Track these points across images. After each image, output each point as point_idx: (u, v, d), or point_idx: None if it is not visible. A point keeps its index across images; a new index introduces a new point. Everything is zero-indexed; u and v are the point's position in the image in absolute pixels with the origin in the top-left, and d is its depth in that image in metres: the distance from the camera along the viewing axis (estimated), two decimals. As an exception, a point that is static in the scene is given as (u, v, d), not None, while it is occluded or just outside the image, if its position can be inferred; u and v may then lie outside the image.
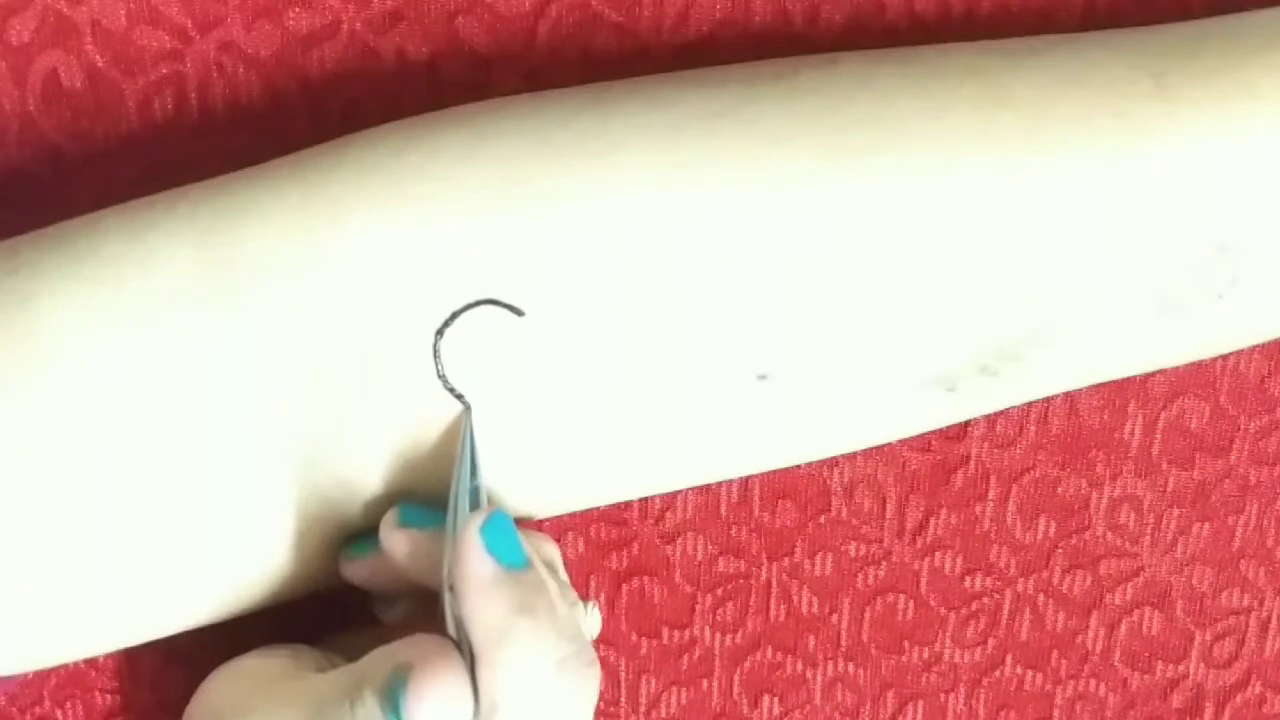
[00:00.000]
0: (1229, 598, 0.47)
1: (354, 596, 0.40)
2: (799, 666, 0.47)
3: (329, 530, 0.37)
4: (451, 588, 0.34)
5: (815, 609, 0.46)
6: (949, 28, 0.42)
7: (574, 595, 0.37)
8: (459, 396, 0.35)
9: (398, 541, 0.36)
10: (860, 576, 0.46)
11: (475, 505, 0.35)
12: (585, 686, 0.34)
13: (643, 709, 0.47)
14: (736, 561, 0.45)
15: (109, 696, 0.45)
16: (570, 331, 0.35)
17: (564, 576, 0.39)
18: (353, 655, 0.38)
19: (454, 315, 0.35)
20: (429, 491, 0.37)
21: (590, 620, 0.39)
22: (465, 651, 0.34)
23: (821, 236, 0.35)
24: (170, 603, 0.37)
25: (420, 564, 0.36)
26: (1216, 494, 0.46)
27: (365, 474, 0.36)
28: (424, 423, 0.36)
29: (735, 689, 0.47)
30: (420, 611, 0.39)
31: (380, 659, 0.34)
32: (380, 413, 0.36)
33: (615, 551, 0.45)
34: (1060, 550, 0.46)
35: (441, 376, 0.35)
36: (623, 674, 0.46)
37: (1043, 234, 0.36)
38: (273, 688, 0.36)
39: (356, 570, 0.38)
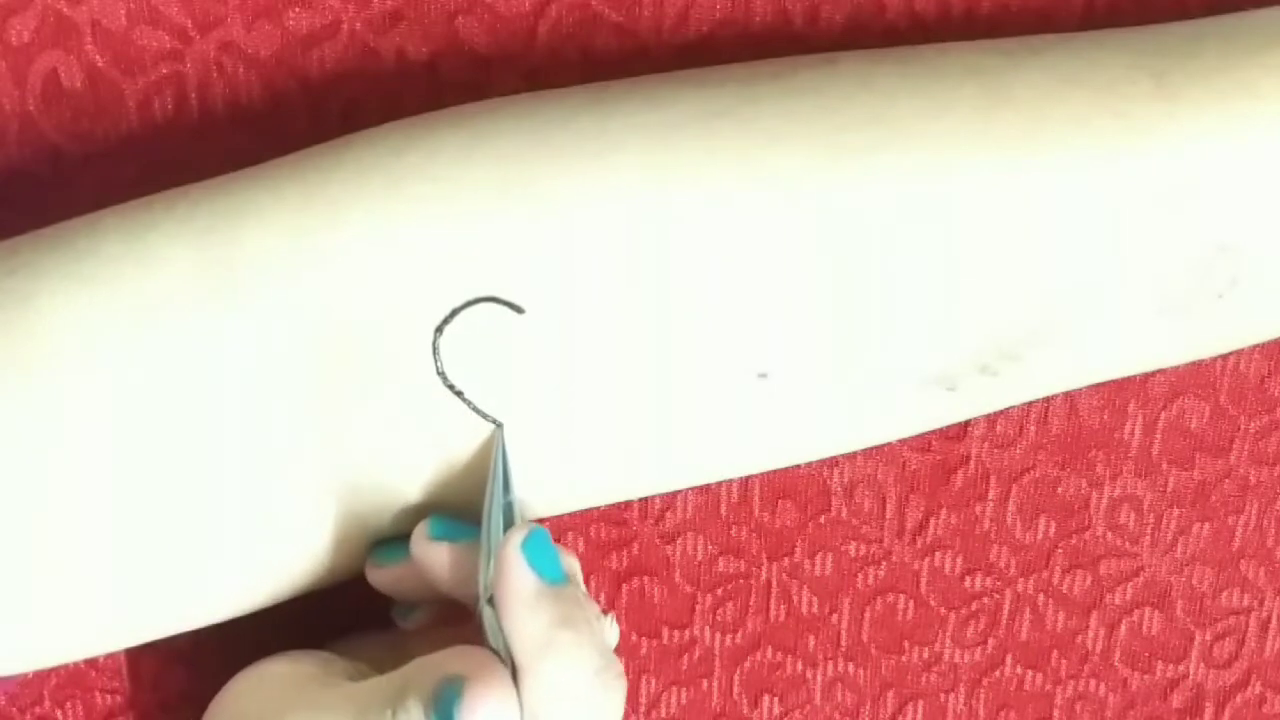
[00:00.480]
0: (1229, 598, 0.47)
1: (356, 597, 0.40)
2: (799, 666, 0.47)
3: (331, 530, 0.37)
4: (490, 601, 0.35)
5: (815, 609, 0.46)
6: (949, 28, 0.42)
7: (597, 608, 0.37)
8: (459, 393, 0.36)
9: (430, 553, 0.37)
10: (860, 576, 0.46)
11: (509, 520, 0.36)
12: (615, 697, 0.35)
13: (643, 709, 0.47)
14: (736, 561, 0.46)
15: (109, 696, 0.45)
16: (569, 331, 0.35)
17: (583, 589, 0.39)
18: (371, 659, 0.38)
19: (453, 312, 0.35)
20: (437, 492, 0.37)
21: (610, 632, 0.39)
22: (506, 663, 0.34)
23: (821, 236, 0.35)
24: (171, 603, 0.37)
25: (452, 576, 0.37)
26: (1216, 494, 0.46)
27: (368, 474, 0.36)
28: (425, 423, 0.36)
29: (735, 689, 0.47)
30: (440, 619, 0.40)
31: (425, 669, 0.34)
32: (382, 413, 0.36)
33: (615, 551, 0.45)
34: (1060, 550, 0.46)
35: (441, 374, 0.35)
36: (623, 674, 0.46)
37: (1042, 234, 0.36)
38: (305, 694, 0.36)
39: (382, 576, 0.38)
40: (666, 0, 0.41)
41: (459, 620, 0.39)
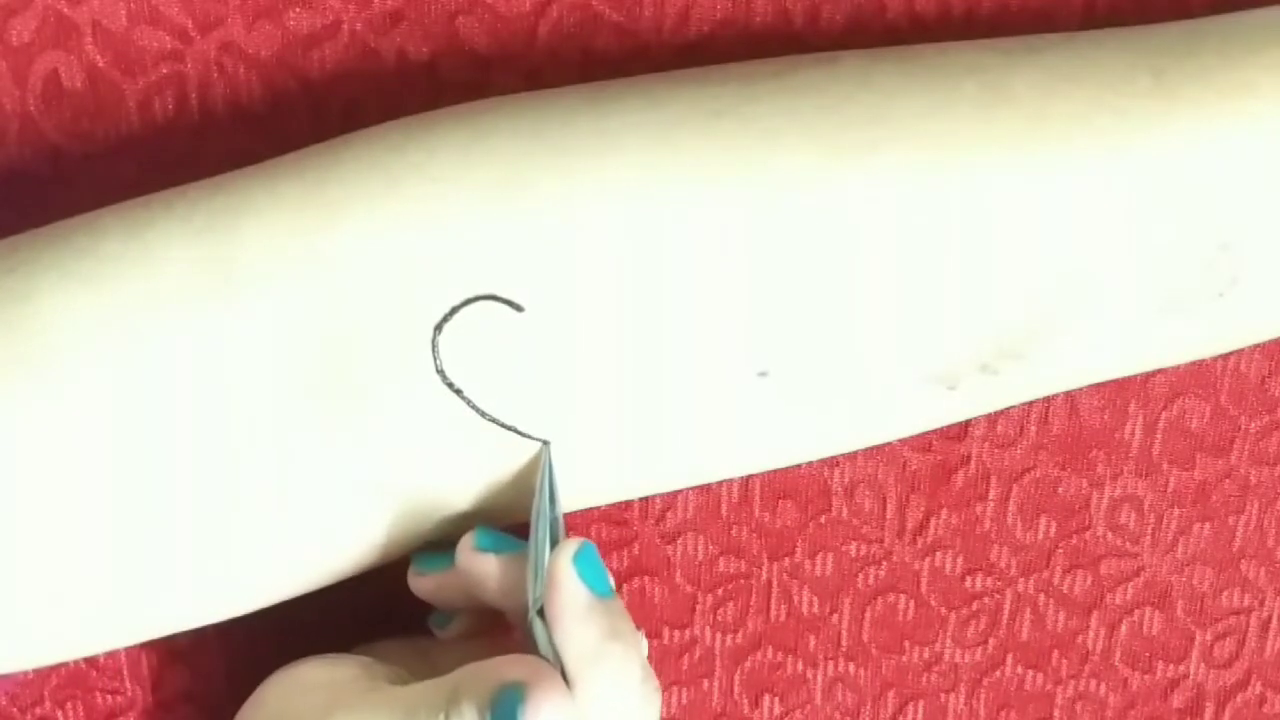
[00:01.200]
0: (1229, 598, 0.47)
1: (361, 601, 0.40)
2: (799, 666, 0.47)
3: (336, 529, 0.37)
4: (540, 612, 0.35)
5: (816, 609, 0.46)
6: (949, 28, 0.42)
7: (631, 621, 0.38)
8: (458, 391, 0.35)
9: (476, 564, 0.37)
10: (861, 576, 0.46)
11: (554, 534, 0.36)
12: (655, 709, 0.36)
13: (643, 709, 0.47)
14: (737, 561, 0.45)
15: (109, 696, 0.45)
16: (569, 330, 0.35)
17: None
18: (405, 665, 0.39)
19: (453, 310, 0.35)
20: (453, 497, 0.37)
21: (644, 644, 0.40)
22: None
23: (821, 234, 0.35)
24: (170, 601, 0.37)
25: (498, 587, 0.37)
26: (1217, 494, 0.46)
27: (378, 475, 0.36)
28: (430, 423, 0.36)
29: (736, 689, 0.47)
30: (478, 628, 0.40)
31: (479, 675, 0.35)
32: (383, 413, 0.36)
33: (615, 551, 0.45)
34: (1061, 550, 0.46)
35: (440, 372, 0.35)
36: (623, 674, 0.46)
37: (1043, 232, 0.36)
38: (349, 696, 0.37)
39: (424, 584, 0.39)
40: (667, 0, 0.41)
41: (489, 630, 0.40)
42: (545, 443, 0.36)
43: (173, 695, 0.45)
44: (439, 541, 0.39)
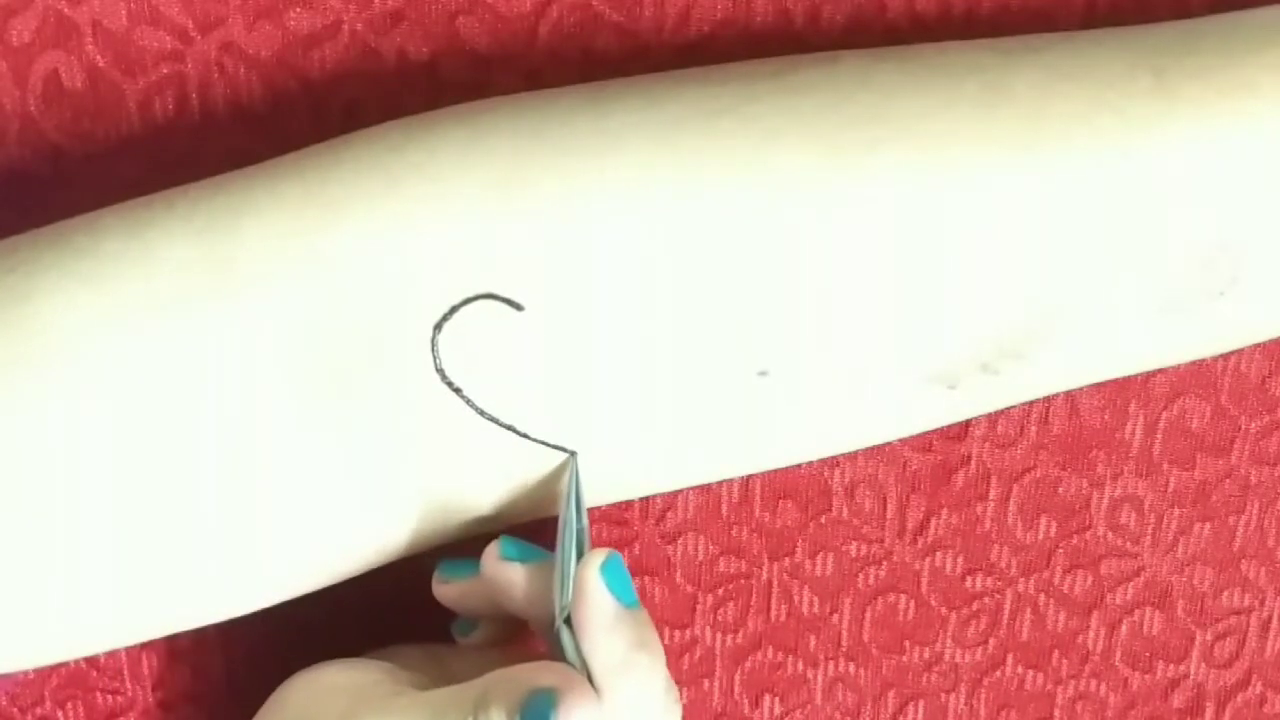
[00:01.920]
0: (1230, 598, 0.47)
1: (363, 603, 0.40)
2: (800, 666, 0.47)
3: (338, 529, 0.37)
4: (567, 621, 0.36)
5: (816, 609, 0.46)
6: (950, 28, 0.42)
7: None
8: (457, 390, 0.36)
9: (502, 572, 0.38)
10: (861, 576, 0.46)
11: (579, 544, 0.37)
12: (675, 717, 0.37)
13: (643, 709, 0.47)
14: (737, 561, 0.46)
15: (109, 696, 0.45)
16: (568, 329, 0.35)
17: None
18: (421, 670, 0.39)
19: (452, 309, 0.35)
20: (462, 498, 0.37)
21: None
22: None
23: (821, 233, 0.35)
24: (170, 601, 0.37)
25: (523, 596, 0.38)
26: (1217, 494, 0.46)
27: (369, 473, 0.36)
28: (426, 421, 0.36)
29: (736, 689, 0.47)
30: (500, 635, 0.41)
31: (508, 680, 0.35)
32: (380, 411, 0.36)
33: (616, 551, 0.45)
34: (1061, 550, 0.46)
35: (440, 371, 0.35)
36: (623, 674, 0.46)
37: (1043, 231, 0.36)
38: (374, 699, 0.37)
39: (448, 591, 0.40)
40: (667, 0, 0.41)
41: (511, 638, 0.41)
42: (572, 453, 0.37)
43: (173, 695, 0.45)
44: (460, 547, 0.39)
